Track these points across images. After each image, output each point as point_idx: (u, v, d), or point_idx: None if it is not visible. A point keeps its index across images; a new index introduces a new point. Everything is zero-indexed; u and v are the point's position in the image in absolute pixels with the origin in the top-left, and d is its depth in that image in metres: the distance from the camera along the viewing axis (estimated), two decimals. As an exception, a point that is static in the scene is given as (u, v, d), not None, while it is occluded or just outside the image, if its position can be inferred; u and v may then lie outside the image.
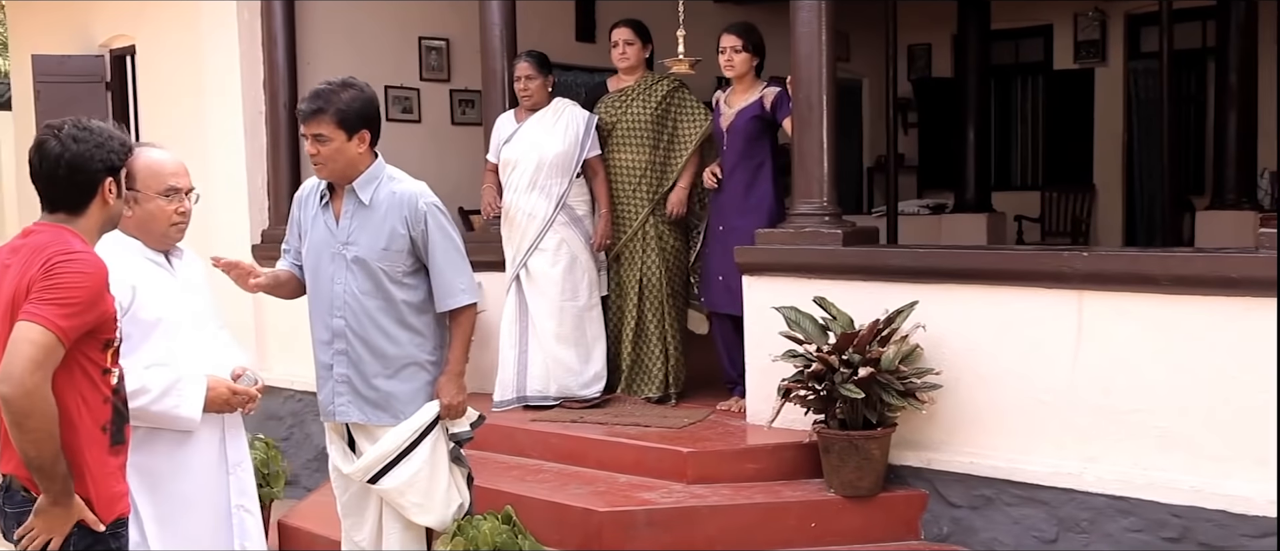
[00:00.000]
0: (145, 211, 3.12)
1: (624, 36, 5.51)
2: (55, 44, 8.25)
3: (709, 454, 4.50)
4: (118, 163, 2.68)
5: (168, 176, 3.15)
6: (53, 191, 2.63)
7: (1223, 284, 3.66)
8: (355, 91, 3.51)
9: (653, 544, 4.15)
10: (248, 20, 6.90)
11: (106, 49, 8.08)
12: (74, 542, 2.53)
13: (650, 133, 5.45)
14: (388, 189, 3.54)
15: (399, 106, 7.67)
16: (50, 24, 8.53)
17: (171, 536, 3.11)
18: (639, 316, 5.42)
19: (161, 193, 3.13)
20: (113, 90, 8.09)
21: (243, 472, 3.35)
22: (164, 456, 3.11)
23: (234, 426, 3.33)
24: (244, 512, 3.34)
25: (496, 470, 4.82)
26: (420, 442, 3.52)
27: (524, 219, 5.28)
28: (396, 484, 3.52)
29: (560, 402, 5.27)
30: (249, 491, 3.38)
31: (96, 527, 2.57)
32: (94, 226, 2.67)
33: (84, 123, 2.68)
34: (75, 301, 2.46)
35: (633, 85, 5.53)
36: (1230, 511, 3.65)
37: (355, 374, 3.51)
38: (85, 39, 8.17)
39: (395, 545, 3.58)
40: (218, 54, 6.99)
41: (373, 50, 7.35)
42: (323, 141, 3.45)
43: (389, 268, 3.49)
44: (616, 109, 5.50)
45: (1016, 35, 10.42)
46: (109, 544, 2.60)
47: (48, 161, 2.61)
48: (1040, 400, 4.05)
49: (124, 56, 8.04)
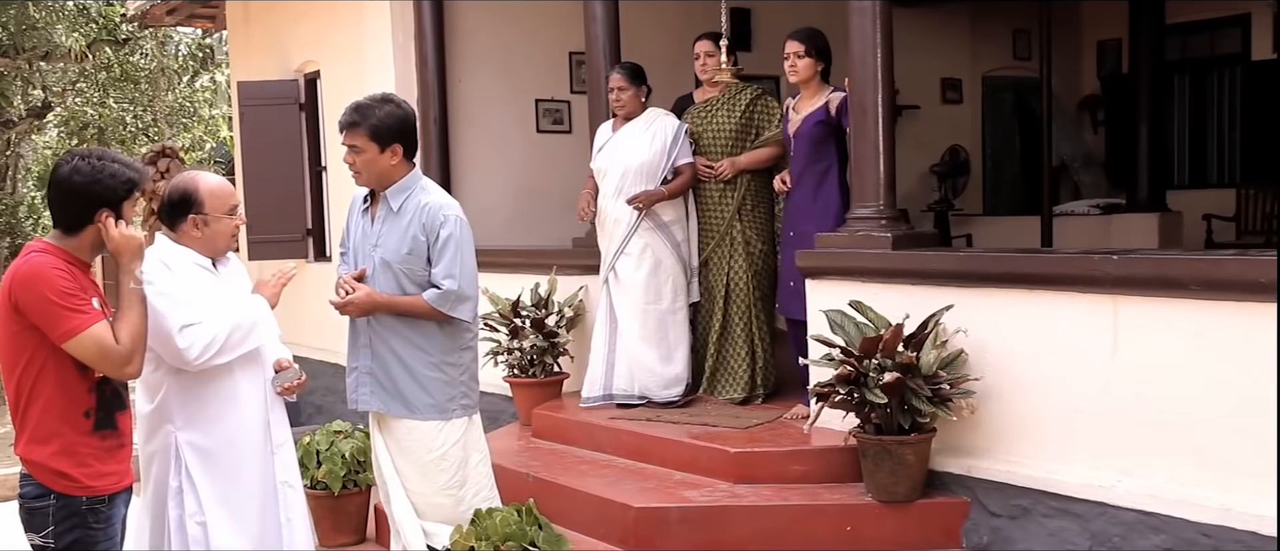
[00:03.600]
0: (213, 230, 3.54)
1: (705, 49, 5.65)
2: (264, 71, 9.15)
3: (754, 455, 4.57)
4: (116, 198, 3.04)
5: (228, 198, 3.58)
6: (52, 211, 3.09)
7: (1254, 289, 3.42)
8: (392, 107, 3.83)
9: (683, 541, 4.27)
10: (402, 42, 7.47)
11: (300, 73, 8.89)
12: (55, 512, 2.96)
13: (734, 141, 5.55)
14: (418, 199, 3.84)
15: (550, 118, 8.06)
16: (263, 52, 9.43)
17: (224, 506, 3.50)
18: (724, 319, 5.53)
19: (227, 212, 3.56)
20: (305, 110, 8.89)
21: (285, 453, 3.70)
22: (216, 436, 3.51)
23: (277, 410, 3.70)
24: (288, 488, 3.70)
25: (567, 463, 5.08)
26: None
27: (612, 224, 5.51)
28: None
29: (645, 401, 5.46)
30: (292, 469, 3.73)
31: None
32: (87, 246, 3.07)
33: (101, 155, 3.11)
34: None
35: (717, 95, 5.66)
36: (1260, 533, 3.41)
37: (377, 366, 3.84)
38: (284, 65, 9.02)
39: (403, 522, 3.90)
40: (378, 73, 7.58)
41: (522, 65, 7.78)
42: (357, 152, 3.79)
43: (409, 270, 3.79)
44: (702, 119, 5.64)
45: (1211, 26, 9.72)
46: (88, 518, 3.02)
47: (53, 184, 3.07)
48: (1077, 408, 3.90)
49: (315, 79, 8.83)
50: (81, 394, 3.02)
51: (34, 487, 3.02)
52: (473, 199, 7.58)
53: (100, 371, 3.02)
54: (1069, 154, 10.26)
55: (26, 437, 3.03)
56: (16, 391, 3.00)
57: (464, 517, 3.88)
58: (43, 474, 3.01)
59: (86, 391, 3.02)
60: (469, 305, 3.86)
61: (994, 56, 10.36)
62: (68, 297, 2.93)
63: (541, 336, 5.88)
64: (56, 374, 2.98)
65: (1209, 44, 9.94)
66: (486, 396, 6.71)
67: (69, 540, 3.02)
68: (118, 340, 2.97)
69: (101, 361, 2.97)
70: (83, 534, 3.03)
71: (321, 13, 8.26)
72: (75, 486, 3.00)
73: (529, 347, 5.89)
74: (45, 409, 2.99)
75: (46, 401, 2.99)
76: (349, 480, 5.11)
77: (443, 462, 3.87)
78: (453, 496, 3.90)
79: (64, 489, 3.00)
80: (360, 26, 7.81)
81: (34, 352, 2.98)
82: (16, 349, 2.97)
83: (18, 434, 3.05)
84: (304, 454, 5.09)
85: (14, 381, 3.00)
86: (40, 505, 3.01)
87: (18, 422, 3.04)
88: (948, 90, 10.18)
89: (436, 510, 3.89)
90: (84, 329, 2.92)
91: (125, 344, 2.98)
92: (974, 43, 10.34)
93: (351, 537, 5.21)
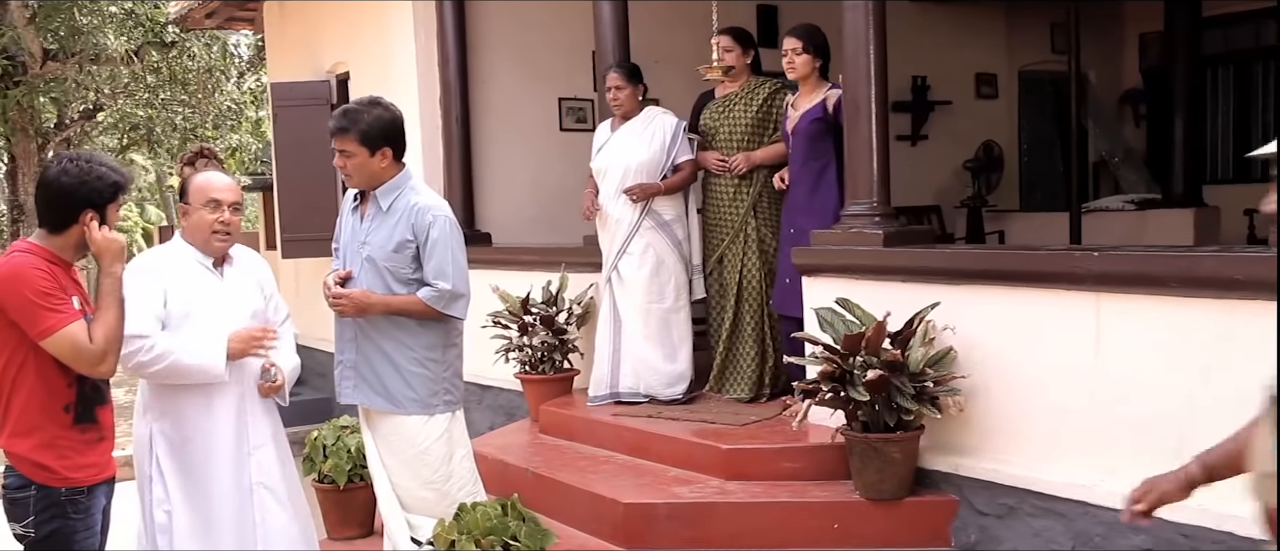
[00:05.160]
0: (192, 220, 3.70)
1: (725, 44, 5.62)
2: (298, 72, 9.32)
3: (746, 451, 4.58)
4: (101, 200, 3.15)
5: (210, 191, 3.69)
6: (39, 210, 3.20)
7: (1230, 286, 3.35)
8: (380, 111, 3.90)
9: (671, 537, 4.29)
10: (424, 43, 7.57)
11: (331, 74, 9.04)
12: (35, 502, 3.07)
13: (751, 137, 5.54)
14: (407, 200, 3.90)
15: (573, 116, 8.11)
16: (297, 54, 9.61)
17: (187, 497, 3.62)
18: (735, 317, 5.53)
19: (204, 204, 3.67)
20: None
21: (263, 455, 3.77)
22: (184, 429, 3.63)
23: (256, 412, 3.77)
24: (264, 490, 3.77)
25: (568, 458, 5.12)
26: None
27: (613, 224, 5.54)
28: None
29: (649, 399, 5.48)
30: (271, 472, 3.79)
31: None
32: (70, 245, 3.18)
33: (89, 158, 3.23)
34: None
35: (736, 91, 5.64)
36: (1238, 533, 3.34)
37: (362, 361, 3.91)
38: (316, 66, 9.18)
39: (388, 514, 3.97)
40: (403, 75, 7.69)
41: (544, 64, 7.84)
42: (347, 156, 3.86)
43: (395, 268, 3.85)
44: (719, 114, 5.63)
45: (1254, 18, 9.47)
46: (67, 508, 3.12)
47: (42, 185, 3.18)
48: (1063, 406, 3.85)
49: (345, 80, 8.97)
50: (61, 389, 3.12)
51: (16, 478, 3.13)
52: (495, 197, 7.69)
53: (75, 369, 3.11)
54: (1108, 149, 10.07)
55: (9, 431, 3.14)
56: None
57: (448, 511, 3.92)
58: (23, 465, 3.12)
59: (66, 386, 3.12)
60: (463, 302, 3.92)
61: (1031, 51, 10.21)
62: (46, 297, 3.03)
63: (551, 333, 5.93)
64: (37, 370, 3.09)
65: (1254, 36, 9.69)
66: (502, 392, 6.82)
67: (49, 529, 3.12)
68: (92, 339, 3.07)
69: (75, 360, 3.07)
70: (62, 524, 3.13)
71: (350, 14, 8.40)
72: (54, 477, 3.11)
73: (539, 344, 5.95)
74: (26, 403, 3.10)
75: (27, 396, 3.10)
76: (354, 474, 5.18)
77: (426, 457, 3.92)
78: (437, 490, 3.95)
79: (44, 480, 3.10)
80: (385, 27, 7.93)
81: (15, 349, 3.08)
82: None
83: (0, 427, 3.16)
84: (311, 449, 5.18)
85: None
86: (21, 495, 3.12)
87: (0, 416, 3.15)
88: (982, 85, 10.05)
89: (421, 503, 3.95)
90: (60, 328, 3.03)
91: (98, 343, 3.07)
92: (1009, 37, 10.20)
93: (357, 530, 5.28)
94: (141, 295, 3.48)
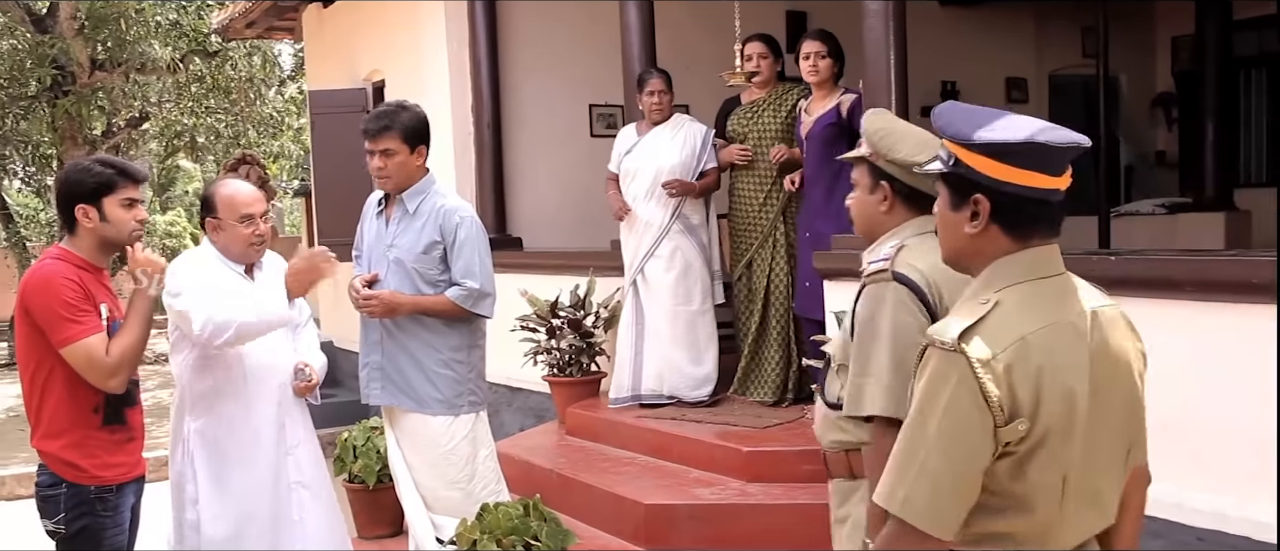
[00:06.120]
0: (226, 235, 3.75)
1: (757, 51, 5.67)
2: (336, 80, 9.46)
3: (766, 454, 4.64)
4: (84, 191, 3.24)
5: (240, 206, 3.75)
6: (58, 215, 3.32)
7: (1248, 290, 3.37)
8: (413, 111, 4.03)
9: (691, 537, 4.36)
10: (456, 50, 7.68)
11: (368, 82, 9.18)
12: (65, 499, 3.18)
13: (780, 140, 5.58)
14: (433, 202, 4.00)
15: (603, 122, 8.17)
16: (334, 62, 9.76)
17: (224, 492, 3.69)
18: (762, 320, 5.58)
19: (238, 219, 3.74)
20: (372, 118, 9.15)
21: (301, 453, 3.85)
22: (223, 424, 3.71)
23: (293, 412, 3.86)
24: (302, 488, 3.85)
25: (592, 460, 5.20)
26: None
27: (642, 227, 5.61)
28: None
29: (673, 401, 5.55)
30: (308, 471, 3.87)
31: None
32: (86, 244, 3.29)
33: (94, 159, 3.37)
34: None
35: (764, 97, 5.70)
36: (1254, 538, 3.36)
37: (388, 362, 4.00)
38: (353, 74, 9.32)
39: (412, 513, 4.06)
40: (436, 81, 7.80)
41: (574, 71, 7.92)
42: (389, 155, 3.95)
43: (423, 269, 3.95)
44: (748, 120, 5.69)
45: (1293, 15, 9.38)
46: (96, 506, 3.23)
47: (54, 191, 3.31)
48: (1080, 411, 3.86)
49: (381, 87, 9.11)
50: (90, 392, 3.22)
51: (47, 476, 3.25)
52: (526, 202, 7.78)
53: (87, 380, 3.18)
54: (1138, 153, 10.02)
55: (41, 432, 3.26)
56: (30, 389, 3.24)
57: (472, 511, 4.00)
58: (55, 464, 3.23)
59: (94, 389, 3.22)
60: (490, 301, 4.02)
61: (1061, 55, 10.16)
62: (69, 308, 3.14)
63: (578, 336, 6.01)
64: (66, 374, 3.19)
65: (1290, 36, 9.60)
66: (532, 395, 6.90)
67: (78, 526, 3.23)
68: (108, 354, 3.16)
69: (88, 371, 3.16)
70: (91, 520, 3.24)
71: (385, 22, 8.54)
72: (84, 476, 3.22)
73: (566, 348, 6.03)
74: (56, 406, 3.21)
75: (57, 399, 3.21)
76: (383, 474, 5.28)
77: (451, 457, 4.01)
78: (461, 490, 4.04)
79: (73, 478, 3.21)
80: (419, 35, 8.05)
81: (45, 354, 3.19)
82: (29, 350, 3.21)
83: (33, 428, 3.28)
84: (341, 449, 5.30)
85: (28, 379, 3.24)
86: (52, 493, 3.23)
87: (32, 418, 3.28)
88: (1012, 89, 10.02)
89: (444, 503, 4.03)
90: (78, 339, 3.13)
91: (113, 359, 3.17)
92: (1039, 41, 10.16)
93: (387, 529, 5.39)
94: (194, 285, 3.56)
